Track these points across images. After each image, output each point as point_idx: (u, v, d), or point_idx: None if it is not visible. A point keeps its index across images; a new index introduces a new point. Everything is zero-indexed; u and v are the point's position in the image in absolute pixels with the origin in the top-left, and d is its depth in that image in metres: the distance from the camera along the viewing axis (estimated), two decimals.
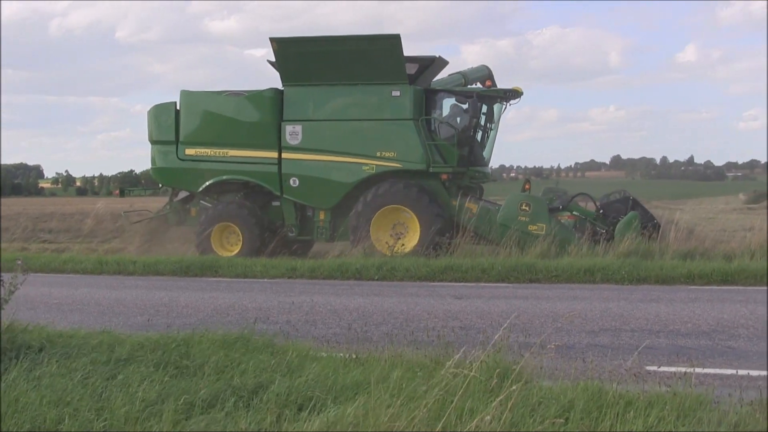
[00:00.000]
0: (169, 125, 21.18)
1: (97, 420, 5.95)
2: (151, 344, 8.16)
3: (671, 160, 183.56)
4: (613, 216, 19.06)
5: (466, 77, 21.56)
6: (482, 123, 20.61)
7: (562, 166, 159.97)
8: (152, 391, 6.53)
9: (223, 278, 17.33)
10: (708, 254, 17.35)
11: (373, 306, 12.84)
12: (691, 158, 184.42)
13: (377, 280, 16.31)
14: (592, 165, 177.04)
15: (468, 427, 5.37)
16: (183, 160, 21.11)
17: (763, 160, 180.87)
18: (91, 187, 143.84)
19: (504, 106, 21.10)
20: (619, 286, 14.97)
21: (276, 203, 20.98)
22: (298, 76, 20.18)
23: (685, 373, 6.96)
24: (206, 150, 20.87)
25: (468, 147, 19.98)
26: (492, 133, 21.23)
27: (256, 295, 14.50)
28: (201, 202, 21.69)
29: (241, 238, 20.31)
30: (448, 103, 20.60)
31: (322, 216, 20.52)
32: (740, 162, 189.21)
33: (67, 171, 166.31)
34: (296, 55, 20.08)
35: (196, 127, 21.04)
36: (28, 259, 20.04)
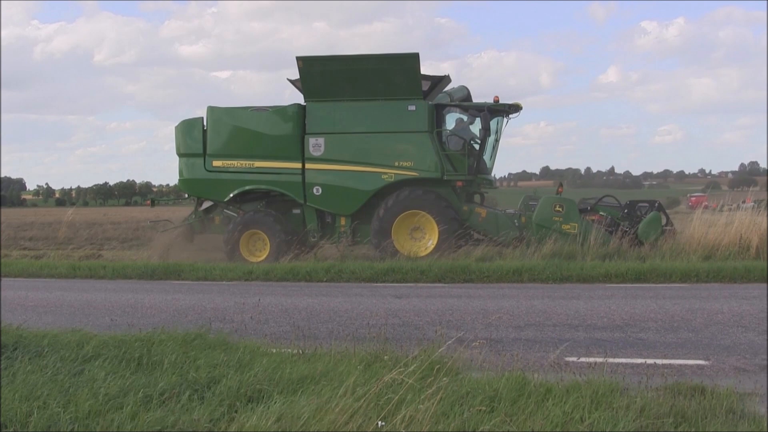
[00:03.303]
0: (197, 139, 20.90)
1: (63, 413, 5.90)
2: (116, 342, 8.07)
3: (594, 170, 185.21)
4: (638, 216, 19.37)
5: (451, 96, 21.53)
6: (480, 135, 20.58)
7: (497, 177, 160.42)
8: (115, 386, 6.49)
9: (185, 281, 17.15)
10: (624, 255, 17.59)
11: (320, 305, 12.80)
12: (612, 169, 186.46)
13: (326, 281, 16.28)
14: (524, 175, 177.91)
15: (401, 416, 5.41)
16: (210, 171, 20.84)
17: (675, 170, 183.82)
18: (69, 198, 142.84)
19: (506, 120, 21.09)
20: (544, 285, 15.11)
21: (296, 211, 20.84)
22: (320, 92, 20.08)
23: (600, 363, 7.08)
24: (233, 162, 20.65)
25: (476, 156, 20.11)
26: (496, 144, 21.26)
27: (214, 296, 14.37)
28: (225, 211, 21.43)
29: (267, 244, 20.11)
30: (450, 118, 20.61)
31: (342, 222, 20.44)
32: (655, 172, 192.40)
33: (47, 183, 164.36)
34: (320, 73, 19.94)
35: (224, 140, 20.77)
36: (9, 264, 19.87)
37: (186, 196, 23.28)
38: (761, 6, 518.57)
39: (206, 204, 21.90)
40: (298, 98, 20.61)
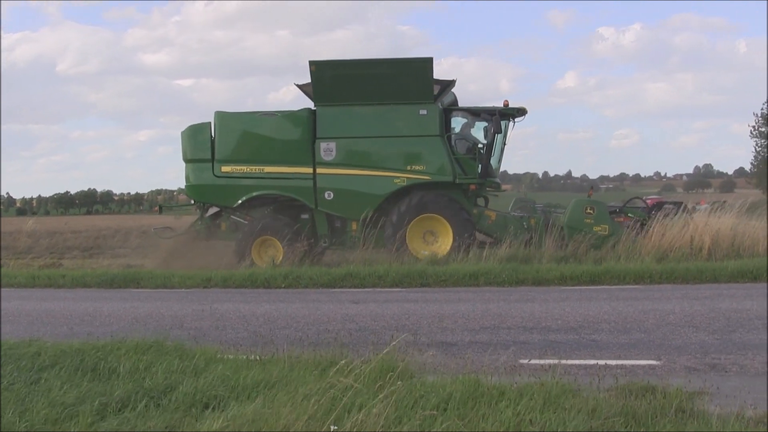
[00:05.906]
0: (205, 144, 20.51)
1: (19, 422, 5.88)
2: (72, 351, 8.05)
3: (552, 174, 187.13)
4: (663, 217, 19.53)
5: (442, 102, 21.56)
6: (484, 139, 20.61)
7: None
8: (71, 395, 6.48)
9: (144, 289, 17.01)
10: (580, 258, 17.73)
11: (278, 312, 12.76)
12: (569, 172, 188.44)
13: (284, 287, 16.21)
14: None
15: (355, 420, 5.41)
16: (218, 177, 20.45)
17: (632, 173, 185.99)
18: (30, 208, 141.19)
19: (513, 124, 20.99)
20: (500, 288, 15.18)
21: (304, 216, 20.61)
22: (332, 96, 19.91)
23: (554, 365, 7.13)
24: (242, 167, 20.29)
25: (485, 160, 20.09)
26: (503, 147, 21.21)
27: (172, 304, 14.27)
28: (232, 217, 21.13)
29: (279, 251, 19.74)
30: (455, 122, 20.55)
31: (354, 226, 20.18)
32: (611, 175, 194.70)
33: (7, 193, 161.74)
34: (332, 77, 19.80)
35: (233, 145, 20.45)
36: None
37: (192, 202, 22.84)
38: (716, 11, 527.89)
39: (212, 210, 21.55)
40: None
